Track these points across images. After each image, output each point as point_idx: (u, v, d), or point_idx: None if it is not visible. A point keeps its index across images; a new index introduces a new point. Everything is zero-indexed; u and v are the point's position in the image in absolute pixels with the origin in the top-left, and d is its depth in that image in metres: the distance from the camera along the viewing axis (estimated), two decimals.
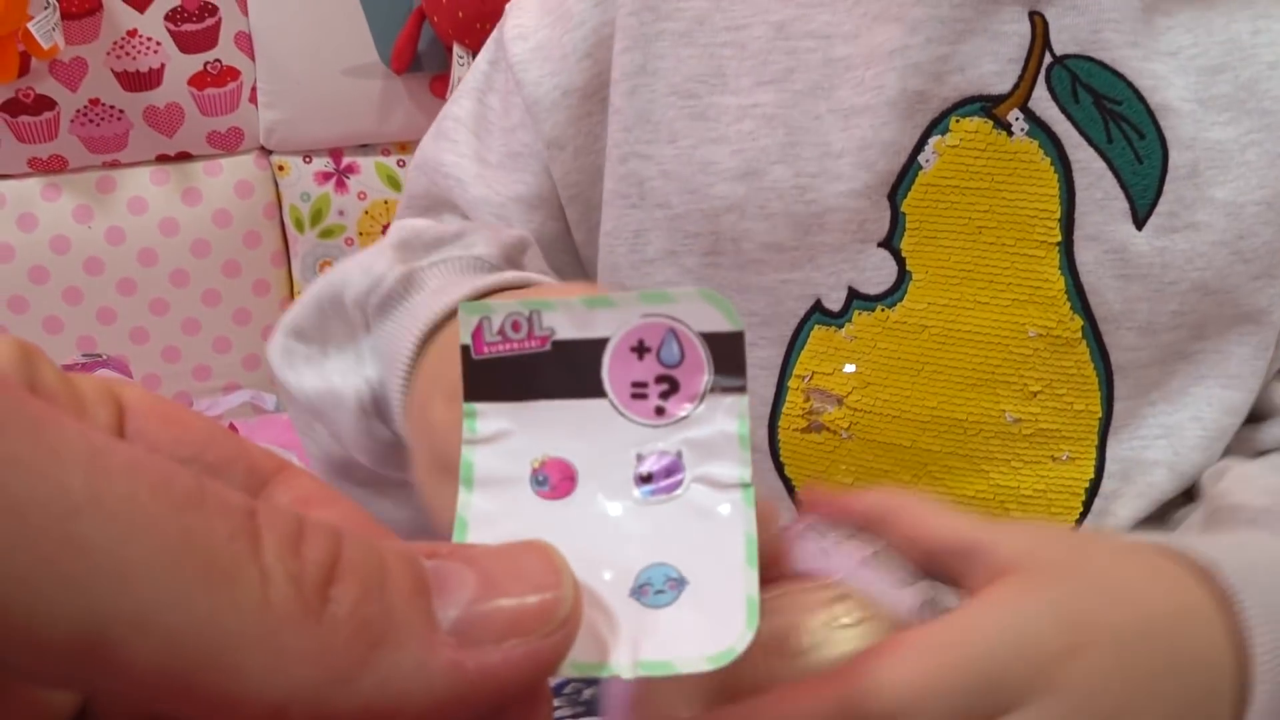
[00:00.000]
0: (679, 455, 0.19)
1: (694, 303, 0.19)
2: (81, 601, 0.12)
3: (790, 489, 0.49)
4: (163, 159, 1.21)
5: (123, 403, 0.17)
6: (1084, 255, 0.43)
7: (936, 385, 0.45)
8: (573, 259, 0.54)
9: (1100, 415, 0.46)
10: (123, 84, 1.17)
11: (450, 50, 1.16)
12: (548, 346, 0.20)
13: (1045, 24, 0.43)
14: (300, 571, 0.14)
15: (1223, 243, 0.43)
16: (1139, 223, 0.43)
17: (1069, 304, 0.44)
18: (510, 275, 0.40)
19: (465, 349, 0.20)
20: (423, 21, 1.17)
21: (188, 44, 1.17)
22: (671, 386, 0.19)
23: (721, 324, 0.19)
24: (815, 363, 0.47)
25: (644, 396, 0.19)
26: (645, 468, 0.19)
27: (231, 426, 0.94)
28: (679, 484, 0.19)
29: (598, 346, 0.19)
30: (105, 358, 1.09)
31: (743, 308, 0.48)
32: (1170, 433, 0.46)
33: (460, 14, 1.14)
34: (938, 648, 0.27)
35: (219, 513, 0.13)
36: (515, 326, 0.20)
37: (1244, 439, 0.48)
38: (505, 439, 0.20)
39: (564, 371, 0.20)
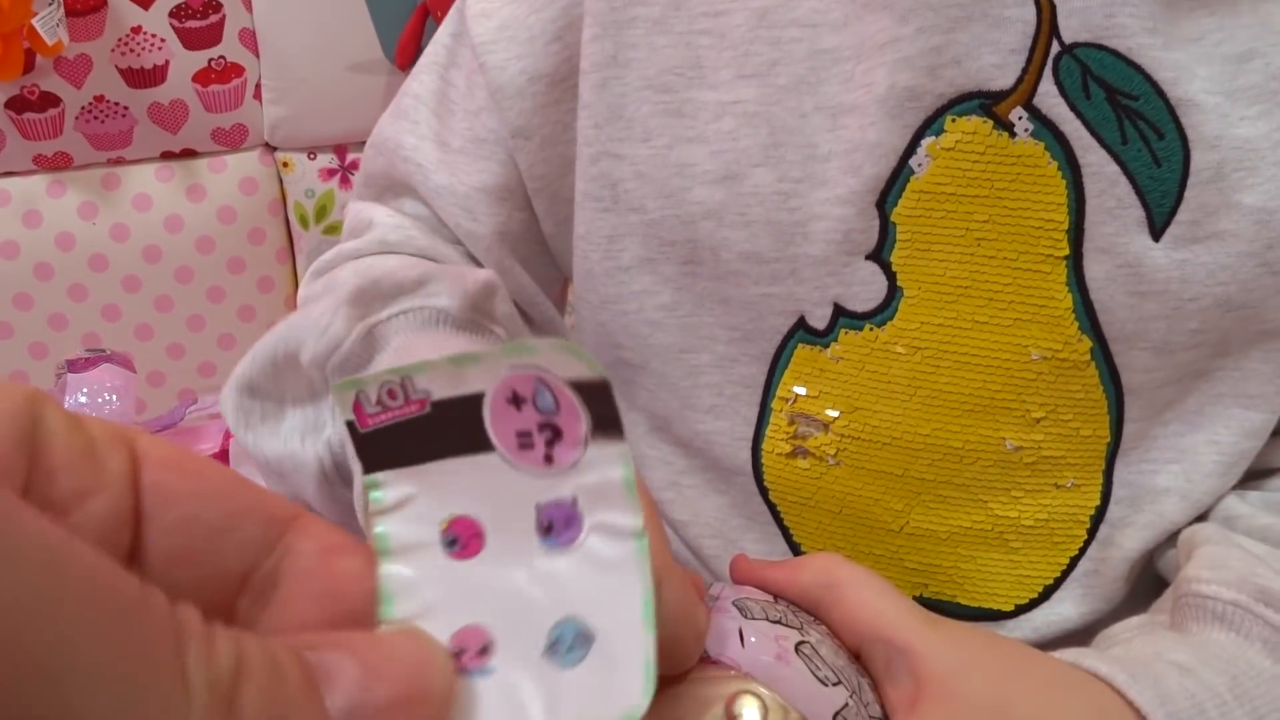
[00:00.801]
0: (575, 503, 0.19)
1: (556, 353, 0.18)
2: (14, 705, 0.12)
3: (776, 515, 0.45)
4: (167, 156, 1.18)
5: (137, 451, 0.17)
6: (1094, 270, 0.38)
7: (930, 411, 0.40)
8: (541, 249, 0.49)
9: (1109, 440, 0.41)
10: (127, 81, 1.13)
11: None
12: (427, 409, 0.19)
13: (1053, 8, 0.37)
14: (216, 678, 0.14)
15: (1250, 254, 0.37)
16: (1156, 233, 0.37)
17: (1076, 324, 0.39)
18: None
19: (350, 424, 0.19)
20: (427, 17, 1.13)
21: (192, 40, 1.14)
22: (555, 433, 0.19)
23: (585, 373, 0.18)
24: (799, 384, 0.43)
25: (531, 445, 0.19)
26: (545, 518, 0.19)
27: None
28: (578, 533, 0.19)
29: (474, 402, 0.19)
30: (109, 353, 1.06)
31: (723, 321, 0.43)
32: (1184, 456, 0.41)
33: None
34: None
35: (157, 623, 0.14)
36: (391, 395, 0.19)
37: (1261, 455, 0.43)
38: (410, 504, 0.19)
39: (449, 431, 0.19)
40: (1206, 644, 0.34)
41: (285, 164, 1.19)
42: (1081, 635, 0.44)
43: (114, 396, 0.92)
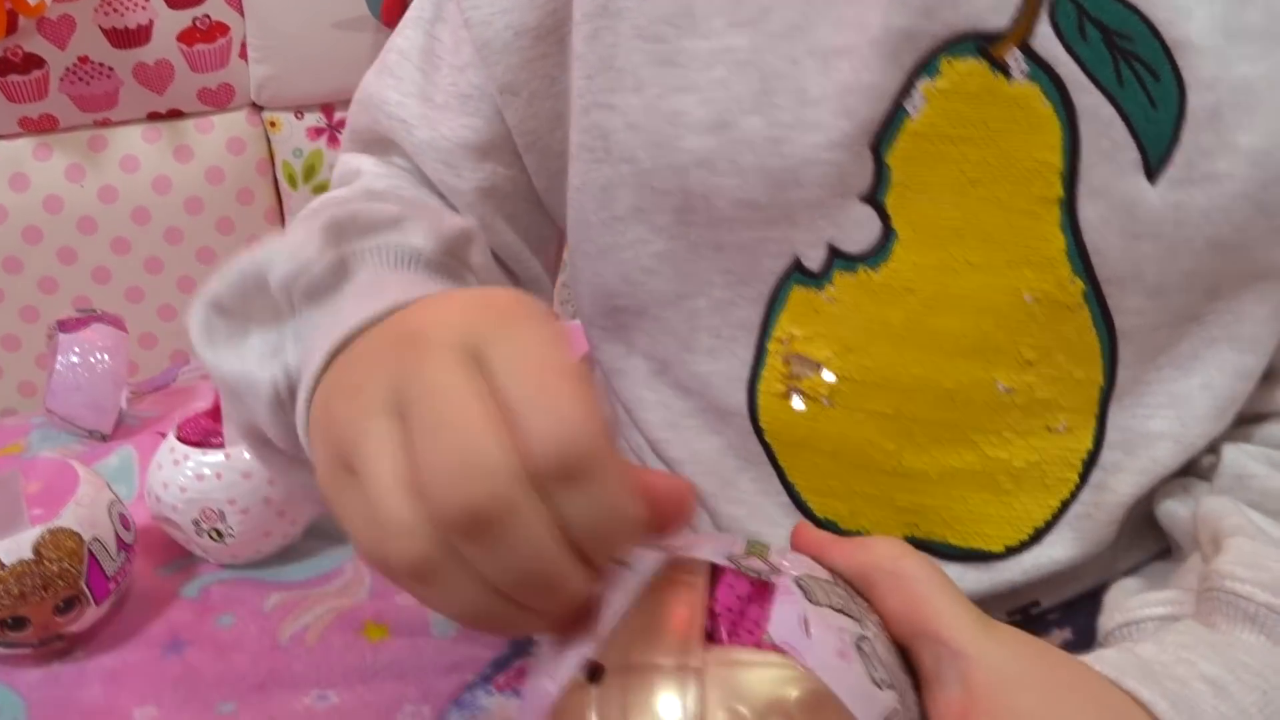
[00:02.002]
0: None
1: None
2: None
3: (771, 455, 0.45)
4: (154, 116, 1.16)
5: None
6: (1088, 212, 0.38)
7: (923, 353, 0.40)
8: (531, 206, 0.48)
9: (1101, 384, 0.41)
10: (111, 41, 1.11)
11: None
12: None
13: None
14: None
15: (1245, 194, 0.37)
16: (1151, 175, 0.37)
17: (1070, 266, 0.38)
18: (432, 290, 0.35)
19: None
20: None
21: (176, 0, 1.12)
22: None
23: None
24: (795, 325, 0.43)
25: None
26: None
27: None
28: None
29: None
30: (99, 313, 1.04)
31: (718, 265, 0.43)
32: (1177, 401, 0.41)
33: None
34: None
35: None
36: None
37: (1253, 399, 0.43)
38: None
39: None
40: (1235, 648, 0.34)
41: (272, 123, 1.17)
42: (1069, 575, 0.44)
43: (105, 356, 0.91)
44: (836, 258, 0.41)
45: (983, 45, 0.37)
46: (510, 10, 0.43)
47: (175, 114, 1.16)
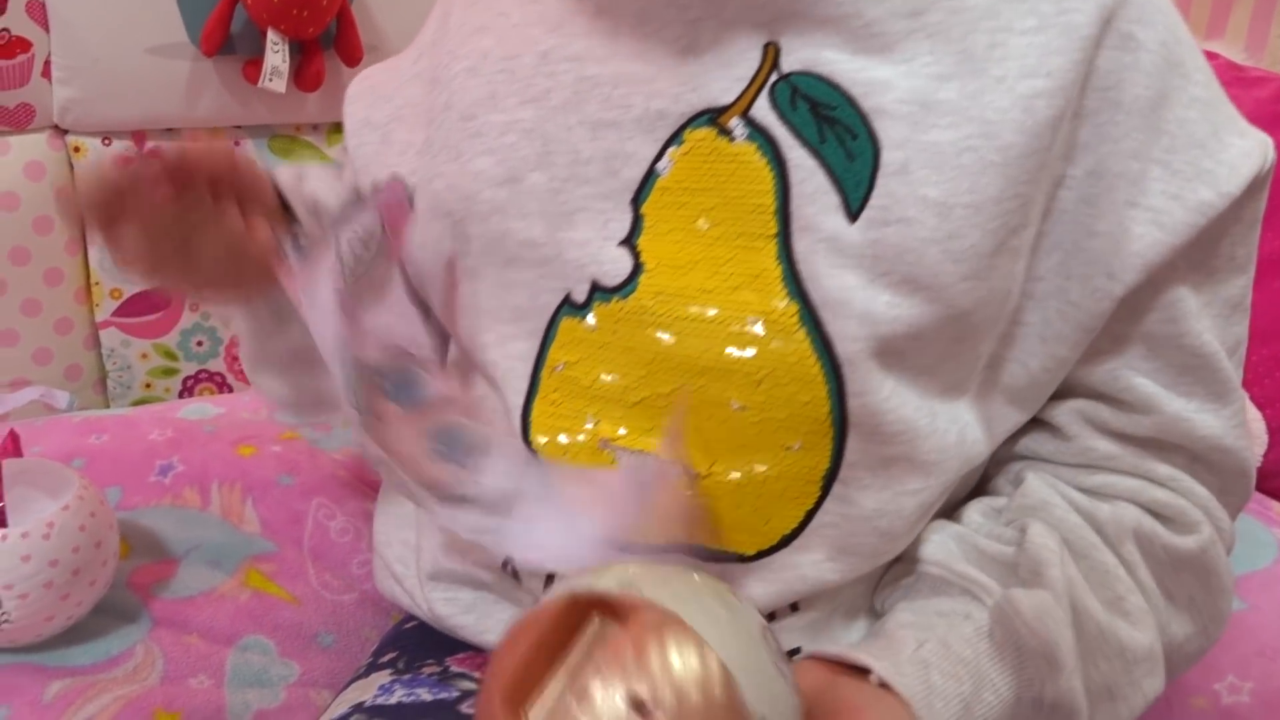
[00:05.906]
0: None
1: None
2: None
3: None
4: None
5: None
6: (799, 245, 0.48)
7: (667, 372, 0.50)
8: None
9: (829, 409, 0.49)
10: None
11: (265, 35, 1.16)
12: None
13: (777, 50, 0.49)
14: None
15: (934, 240, 0.47)
16: (851, 216, 0.47)
17: (785, 290, 0.48)
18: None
19: None
20: (236, 3, 1.16)
21: None
22: None
23: None
24: (563, 353, 0.52)
25: None
26: None
27: (11, 435, 0.85)
28: None
29: None
30: None
31: (507, 303, 0.54)
32: (909, 427, 0.49)
33: None
34: None
35: None
36: None
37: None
38: None
39: None
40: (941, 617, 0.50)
41: (77, 149, 1.19)
42: (834, 593, 0.53)
43: None
44: (597, 290, 0.51)
45: (713, 116, 0.49)
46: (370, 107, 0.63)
47: None
